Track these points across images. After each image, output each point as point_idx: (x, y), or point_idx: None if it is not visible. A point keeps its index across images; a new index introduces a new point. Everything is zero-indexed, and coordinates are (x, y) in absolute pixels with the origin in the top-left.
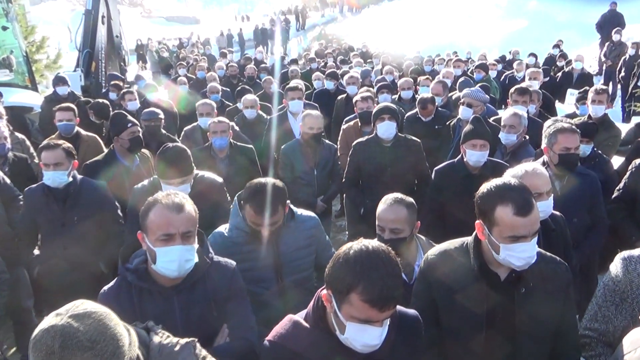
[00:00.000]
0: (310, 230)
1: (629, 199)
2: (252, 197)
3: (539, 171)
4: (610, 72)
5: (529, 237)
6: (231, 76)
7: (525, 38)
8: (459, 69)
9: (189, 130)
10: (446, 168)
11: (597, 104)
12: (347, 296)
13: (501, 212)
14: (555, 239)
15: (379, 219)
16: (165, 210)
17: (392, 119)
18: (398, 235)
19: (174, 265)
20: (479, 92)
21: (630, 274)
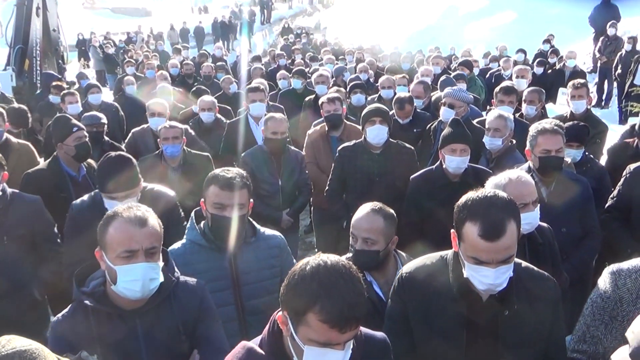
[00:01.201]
0: (274, 249)
1: (624, 208)
2: (215, 176)
3: (524, 179)
4: (605, 69)
5: (493, 264)
6: (186, 75)
7: (513, 32)
8: (438, 66)
9: (138, 133)
10: (423, 176)
11: (577, 99)
12: (304, 317)
13: (468, 229)
14: (542, 253)
15: (352, 226)
16: (127, 224)
17: (384, 122)
18: (370, 247)
19: (137, 285)
20: (461, 91)
21: (619, 290)
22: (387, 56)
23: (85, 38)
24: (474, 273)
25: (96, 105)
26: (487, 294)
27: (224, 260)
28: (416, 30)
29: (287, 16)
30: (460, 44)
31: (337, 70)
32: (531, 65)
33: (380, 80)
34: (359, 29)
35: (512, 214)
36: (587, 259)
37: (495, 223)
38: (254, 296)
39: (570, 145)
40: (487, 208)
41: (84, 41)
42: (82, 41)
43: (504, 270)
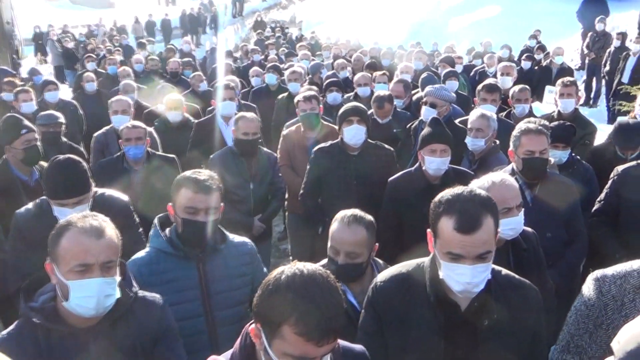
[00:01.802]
0: (244, 257)
1: (611, 211)
2: (187, 178)
3: (508, 182)
4: (593, 66)
5: (469, 259)
6: (151, 71)
7: (498, 27)
8: (421, 62)
9: (100, 136)
10: (402, 178)
11: (567, 97)
12: (279, 329)
13: (443, 223)
14: (527, 260)
15: (333, 239)
16: (82, 235)
17: (362, 122)
18: (354, 260)
19: (92, 302)
20: (443, 89)
21: (604, 297)
22: (366, 52)
23: (43, 31)
24: (450, 272)
25: (53, 103)
26: (465, 301)
27: (192, 268)
28: (397, 24)
29: (261, 9)
30: (443, 39)
31: (314, 67)
32: (517, 62)
33: (355, 77)
34: (337, 23)
35: (489, 210)
36: (574, 265)
37: (471, 216)
38: (224, 306)
39: (556, 146)
40: (463, 202)
41: (41, 34)
42: (39, 34)
43: (481, 269)
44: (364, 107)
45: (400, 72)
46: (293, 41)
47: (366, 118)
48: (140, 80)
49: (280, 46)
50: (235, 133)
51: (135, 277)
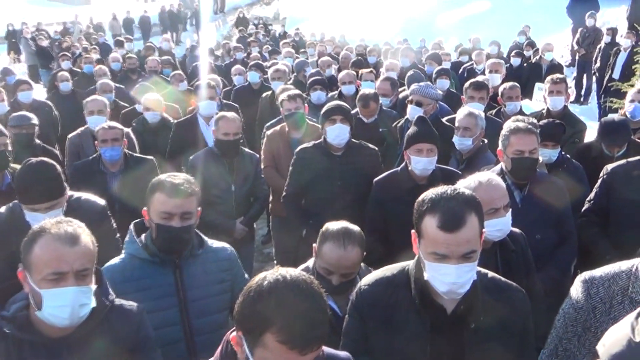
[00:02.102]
0: (224, 262)
1: (601, 211)
2: (161, 182)
3: (495, 182)
4: (584, 62)
5: (454, 259)
6: (129, 70)
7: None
8: (407, 59)
9: (75, 137)
10: (388, 178)
11: (556, 94)
12: (261, 337)
13: (427, 222)
14: (515, 262)
15: (327, 260)
16: (56, 242)
17: (345, 121)
18: (348, 279)
19: (66, 311)
20: (429, 87)
21: (592, 299)
22: (352, 49)
23: (16, 29)
24: (434, 273)
25: (26, 104)
26: (451, 304)
27: (169, 275)
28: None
29: (243, 5)
30: (431, 35)
31: (298, 65)
32: (506, 59)
33: (340, 75)
34: (322, 20)
35: (474, 208)
36: (564, 267)
37: (455, 214)
38: (202, 314)
39: (545, 145)
40: (447, 201)
41: (14, 32)
42: (12, 32)
43: (466, 269)
44: (347, 105)
45: (385, 69)
46: (277, 38)
47: (350, 117)
48: (118, 79)
49: (264, 44)
50: (216, 133)
51: (109, 284)
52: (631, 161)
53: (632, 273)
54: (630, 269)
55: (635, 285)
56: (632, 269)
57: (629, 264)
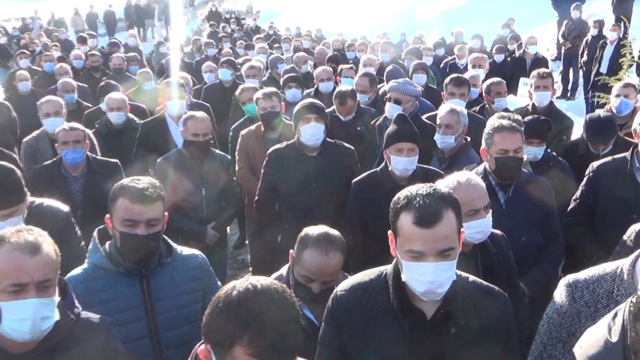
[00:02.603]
0: (194, 271)
1: (588, 211)
2: (124, 187)
3: (475, 182)
4: (570, 56)
5: (431, 256)
6: (92, 68)
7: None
8: (387, 53)
9: (31, 140)
10: (367, 180)
11: (542, 90)
12: (231, 350)
13: (403, 219)
14: (497, 265)
15: (308, 268)
16: (15, 252)
17: (320, 119)
18: (329, 286)
19: (27, 325)
20: (407, 84)
21: (577, 304)
22: (329, 44)
23: None
24: (411, 272)
25: None
26: (431, 309)
27: (135, 286)
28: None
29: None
30: (412, 29)
31: (272, 61)
32: (488, 53)
33: (316, 71)
34: (298, 13)
35: (450, 204)
36: (550, 270)
37: (430, 208)
38: (172, 326)
39: (531, 142)
40: (423, 197)
41: None
42: None
43: (444, 267)
44: (321, 103)
45: (363, 64)
46: (250, 33)
47: (324, 115)
48: (80, 78)
49: (236, 39)
50: (185, 134)
51: None
52: (617, 158)
53: (617, 275)
54: (614, 271)
55: (620, 288)
56: (616, 270)
57: (613, 265)
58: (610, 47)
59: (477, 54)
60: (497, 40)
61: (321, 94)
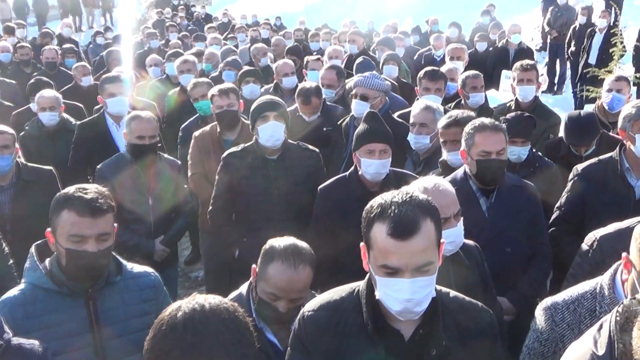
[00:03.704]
0: (147, 291)
1: (575, 218)
2: (69, 198)
3: (443, 187)
4: (556, 46)
5: (408, 272)
6: (22, 62)
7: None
8: (355, 44)
9: None
10: (334, 185)
11: (526, 83)
12: None
13: (376, 230)
14: (471, 279)
15: (274, 285)
16: None
17: (280, 117)
18: (296, 304)
19: None
20: (374, 77)
21: (559, 327)
22: (290, 34)
23: None
24: (386, 290)
25: None
26: (409, 328)
27: (81, 308)
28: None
29: None
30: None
31: (225, 53)
32: (468, 44)
33: (276, 65)
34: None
35: (429, 213)
36: (537, 283)
37: (407, 219)
38: (122, 354)
39: (514, 142)
40: (398, 206)
41: None
42: None
43: (422, 284)
44: (281, 100)
45: (329, 57)
46: (201, 22)
47: (285, 113)
48: (8, 73)
49: (185, 28)
50: (128, 137)
51: (8, 321)
52: (603, 159)
53: (597, 292)
54: (594, 288)
55: (602, 305)
56: (596, 287)
57: (592, 283)
58: (599, 35)
59: (455, 44)
60: (476, 28)
61: (282, 90)
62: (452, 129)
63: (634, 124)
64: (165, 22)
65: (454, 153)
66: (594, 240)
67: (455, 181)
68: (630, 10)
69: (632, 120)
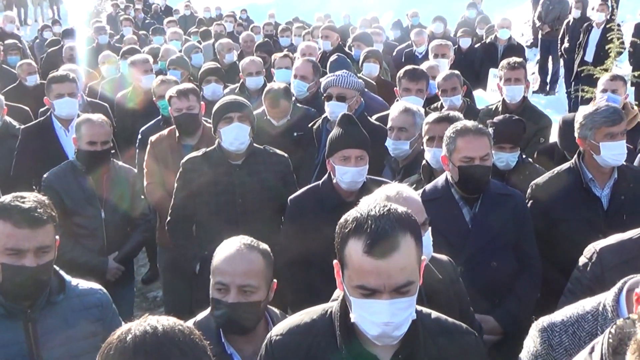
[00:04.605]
0: (93, 310)
1: (539, 238)
2: (5, 208)
3: (406, 195)
4: (548, 42)
5: (386, 293)
6: None
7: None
8: (329, 40)
9: None
10: (306, 196)
11: (514, 83)
12: None
13: (351, 247)
14: (444, 295)
15: (219, 271)
16: None
17: (245, 119)
18: (250, 298)
19: None
20: (349, 76)
21: (555, 351)
22: (258, 28)
23: None
24: (362, 312)
25: None
26: (387, 353)
27: (18, 330)
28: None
29: None
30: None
31: (187, 49)
32: (453, 39)
33: (242, 63)
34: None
35: (409, 228)
36: (525, 301)
37: (385, 234)
38: None
39: (502, 148)
40: (375, 219)
41: None
42: None
43: (401, 305)
44: (246, 101)
45: (301, 53)
46: (160, 15)
47: (250, 114)
48: None
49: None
50: (78, 142)
51: None
52: (561, 171)
53: (599, 313)
54: (596, 309)
55: (604, 328)
56: (598, 308)
57: (593, 302)
58: (597, 30)
59: (440, 40)
60: (462, 23)
61: (248, 90)
62: (443, 124)
63: (597, 131)
64: (119, 15)
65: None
66: (594, 252)
67: (436, 189)
68: (627, 3)
69: (594, 129)
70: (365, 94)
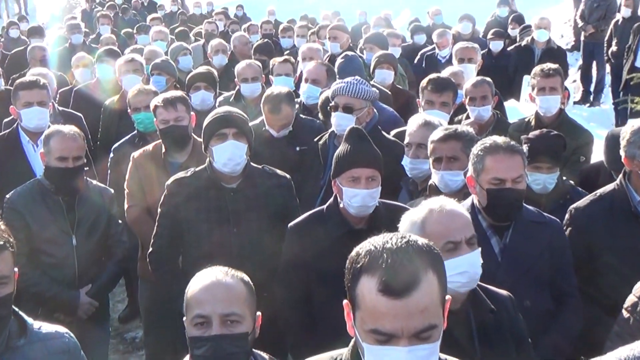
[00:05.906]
0: (58, 357)
1: (579, 272)
2: None
3: (450, 208)
4: (592, 45)
5: (404, 338)
6: None
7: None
8: (337, 42)
9: None
10: (309, 223)
11: (549, 92)
12: None
13: (364, 286)
14: (498, 328)
15: (197, 302)
16: None
17: (241, 136)
18: (235, 329)
19: None
20: (359, 83)
21: None
22: (256, 27)
23: None
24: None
25: None
26: None
27: None
28: None
29: None
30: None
31: (174, 51)
32: (482, 42)
33: (238, 68)
34: None
35: (431, 262)
36: (570, 334)
37: (403, 271)
38: None
39: (538, 168)
40: (392, 253)
41: None
42: None
43: (422, 353)
44: (243, 113)
45: (302, 57)
46: (143, 12)
47: (247, 130)
48: None
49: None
50: (46, 158)
51: None
52: (605, 194)
53: None
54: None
55: None
56: None
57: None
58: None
59: (465, 43)
60: (492, 22)
61: (244, 99)
62: (451, 143)
63: None
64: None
65: (453, 173)
66: None
67: None
68: None
69: None
70: (374, 104)
